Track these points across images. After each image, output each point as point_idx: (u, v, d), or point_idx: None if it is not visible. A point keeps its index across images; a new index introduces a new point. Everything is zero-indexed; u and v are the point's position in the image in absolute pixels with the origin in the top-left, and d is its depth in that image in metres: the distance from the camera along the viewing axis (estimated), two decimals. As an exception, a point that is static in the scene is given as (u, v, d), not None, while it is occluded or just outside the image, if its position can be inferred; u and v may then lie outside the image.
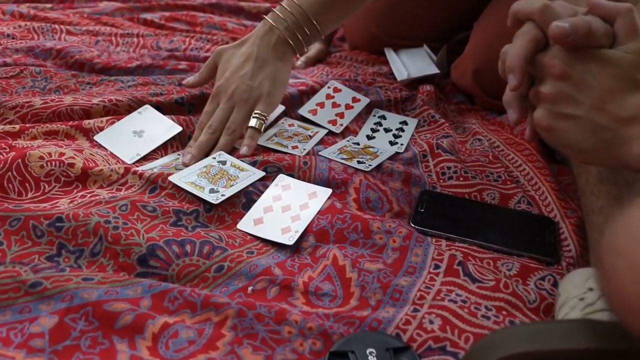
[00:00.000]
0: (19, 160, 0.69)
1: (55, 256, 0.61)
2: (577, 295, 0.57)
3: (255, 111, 0.82)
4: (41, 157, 0.70)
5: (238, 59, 0.85)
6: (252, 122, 0.82)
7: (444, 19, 1.14)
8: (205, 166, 0.75)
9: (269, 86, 0.83)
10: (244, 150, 0.80)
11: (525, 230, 0.73)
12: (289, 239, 0.67)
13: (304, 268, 0.65)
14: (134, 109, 0.86)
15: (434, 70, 1.04)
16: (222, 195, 0.70)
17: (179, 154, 0.82)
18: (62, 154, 0.72)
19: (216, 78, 0.87)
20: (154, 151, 0.82)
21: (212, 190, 0.71)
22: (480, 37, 1.02)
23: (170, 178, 0.71)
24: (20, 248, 0.61)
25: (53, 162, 0.71)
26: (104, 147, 0.80)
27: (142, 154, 0.81)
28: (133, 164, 0.79)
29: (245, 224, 0.69)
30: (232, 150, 0.82)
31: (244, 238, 0.68)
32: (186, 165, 0.78)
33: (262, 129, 0.83)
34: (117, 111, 0.85)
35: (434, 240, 0.70)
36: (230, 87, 0.83)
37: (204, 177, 0.73)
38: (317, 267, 0.65)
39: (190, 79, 0.91)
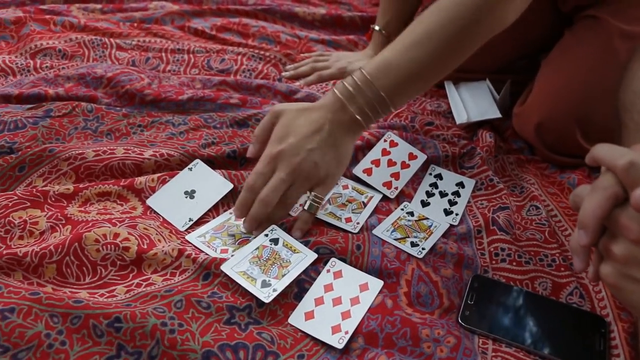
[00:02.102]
0: (76, 244, 0.70)
1: (114, 357, 0.63)
2: None
3: (313, 193, 0.79)
4: (97, 240, 0.71)
5: (306, 127, 0.79)
6: (308, 206, 0.79)
7: (509, 50, 1.07)
8: (257, 248, 0.75)
9: (334, 168, 0.80)
10: (297, 234, 0.78)
11: (575, 332, 0.72)
12: (339, 342, 0.68)
13: (352, 374, 0.66)
14: (186, 164, 0.85)
15: (495, 114, 0.99)
16: (274, 290, 0.70)
17: (230, 213, 0.82)
18: (116, 235, 0.72)
19: (274, 138, 0.80)
20: (206, 213, 0.82)
21: (264, 284, 0.71)
22: (546, 86, 0.96)
23: (222, 267, 0.71)
24: (82, 348, 0.63)
25: (108, 246, 0.71)
26: (156, 212, 0.80)
27: (195, 219, 0.81)
28: (185, 230, 0.79)
29: (297, 319, 0.70)
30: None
31: (294, 336, 0.68)
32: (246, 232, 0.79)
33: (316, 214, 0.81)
34: (169, 166, 0.84)
35: (480, 342, 0.70)
36: (295, 157, 0.78)
37: (255, 264, 0.73)
38: (364, 373, 0.66)
39: (251, 150, 0.84)
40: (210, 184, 0.84)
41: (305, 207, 0.79)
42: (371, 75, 0.79)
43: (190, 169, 0.85)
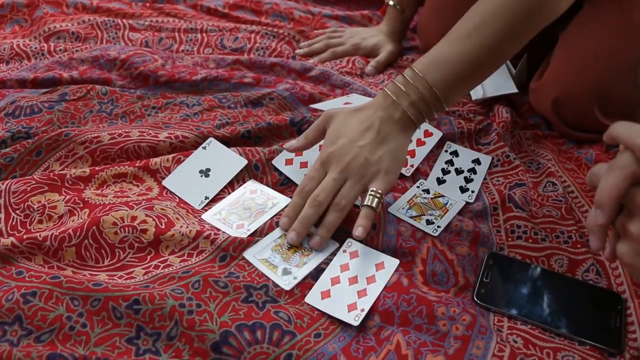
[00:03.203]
0: (94, 227, 0.72)
1: (134, 338, 0.64)
2: None
3: (372, 189, 0.75)
4: (114, 223, 0.72)
5: (355, 127, 0.78)
6: (369, 201, 0.75)
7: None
8: (280, 236, 0.76)
9: (389, 163, 0.77)
10: (359, 231, 0.73)
11: (591, 309, 0.72)
12: (355, 319, 0.68)
13: (368, 352, 0.66)
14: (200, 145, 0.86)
15: (512, 89, 0.98)
16: (295, 278, 0.71)
17: (245, 186, 0.83)
18: (134, 218, 0.73)
19: (325, 142, 0.80)
20: (221, 190, 0.83)
21: (285, 271, 0.72)
22: (564, 61, 0.94)
23: (244, 254, 0.72)
24: (102, 330, 0.64)
25: (126, 228, 0.72)
26: (173, 193, 0.81)
27: (210, 197, 0.82)
28: (202, 209, 0.80)
29: (313, 298, 0.71)
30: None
31: (311, 315, 0.69)
32: (292, 242, 0.75)
33: (378, 210, 0.77)
34: (184, 148, 0.85)
35: (496, 319, 0.71)
36: (345, 156, 0.77)
37: (277, 252, 0.74)
38: (380, 351, 0.66)
39: (294, 143, 0.83)
40: (224, 161, 0.85)
41: (365, 202, 0.75)
42: (422, 70, 0.77)
43: (204, 148, 0.85)
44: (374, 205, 0.75)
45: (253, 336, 0.65)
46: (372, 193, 0.76)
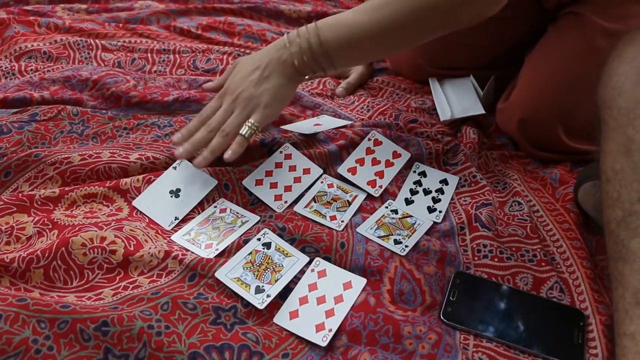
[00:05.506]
0: (63, 248, 0.71)
1: (102, 361, 0.64)
2: None
3: (250, 120, 0.85)
4: (83, 244, 0.72)
5: (250, 65, 0.89)
6: (243, 131, 0.85)
7: (492, 47, 1.08)
8: (250, 253, 0.76)
9: (269, 98, 0.86)
10: (228, 154, 0.84)
11: (555, 326, 0.74)
12: (323, 340, 0.69)
13: (336, 372, 0.67)
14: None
15: (479, 110, 1.00)
16: (268, 296, 0.72)
17: (215, 205, 0.84)
18: (103, 239, 0.73)
19: (228, 80, 0.90)
20: (191, 210, 0.83)
21: (258, 289, 0.72)
22: (529, 82, 0.97)
23: (217, 274, 0.72)
24: (69, 352, 0.64)
25: (95, 250, 0.72)
26: (143, 214, 0.81)
27: (180, 217, 0.82)
28: (172, 229, 0.81)
29: (282, 318, 0.71)
30: (272, 222, 0.83)
31: (279, 335, 0.69)
32: (179, 157, 0.85)
33: (251, 139, 0.86)
34: (155, 169, 0.85)
35: (462, 338, 0.72)
36: (236, 89, 0.87)
37: (249, 270, 0.74)
38: (348, 372, 0.67)
39: (210, 83, 0.95)
40: (194, 181, 0.86)
41: (241, 132, 0.85)
42: (321, 26, 0.86)
43: (175, 168, 0.86)
44: (246, 134, 0.85)
45: (221, 357, 0.66)
46: (248, 124, 0.86)
